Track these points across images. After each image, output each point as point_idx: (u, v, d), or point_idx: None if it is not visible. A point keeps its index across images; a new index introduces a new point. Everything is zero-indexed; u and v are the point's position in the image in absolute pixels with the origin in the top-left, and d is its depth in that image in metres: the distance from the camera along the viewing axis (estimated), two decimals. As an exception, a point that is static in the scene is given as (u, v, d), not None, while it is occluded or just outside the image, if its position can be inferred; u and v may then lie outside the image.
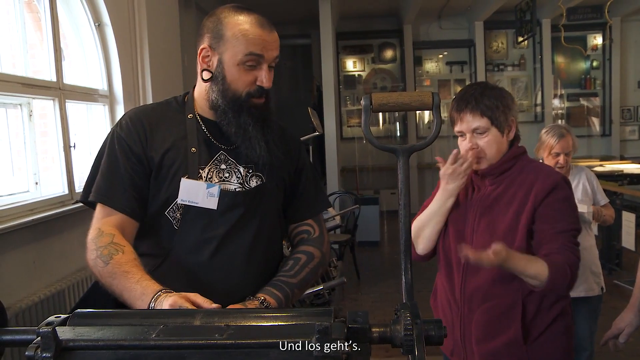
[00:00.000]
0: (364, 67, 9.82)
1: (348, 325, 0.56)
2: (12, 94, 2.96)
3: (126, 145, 1.49)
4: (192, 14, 6.85)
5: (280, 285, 1.47)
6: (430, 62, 9.75)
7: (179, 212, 1.47)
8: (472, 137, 1.78)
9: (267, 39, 1.45)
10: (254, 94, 1.47)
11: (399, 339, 0.57)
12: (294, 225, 1.67)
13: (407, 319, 0.58)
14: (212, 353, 0.53)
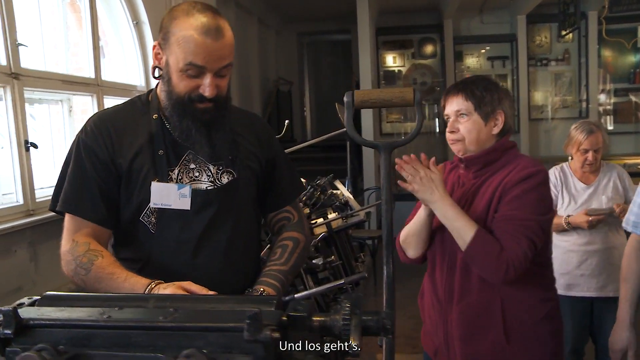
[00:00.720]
0: (404, 62, 9.75)
1: (288, 314, 0.59)
2: (53, 90, 3.09)
3: (92, 152, 1.46)
4: (232, 11, 6.96)
5: (274, 274, 1.49)
6: (471, 57, 9.61)
7: (154, 216, 1.46)
8: (454, 121, 1.77)
9: (211, 49, 1.37)
10: (195, 99, 1.43)
11: (337, 328, 0.59)
12: (273, 213, 1.67)
13: (346, 309, 0.60)
14: (156, 334, 0.57)
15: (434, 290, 1.82)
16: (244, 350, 0.54)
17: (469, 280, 1.72)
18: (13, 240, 2.62)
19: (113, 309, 0.61)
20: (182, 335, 0.56)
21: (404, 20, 9.55)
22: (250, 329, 0.53)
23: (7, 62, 2.67)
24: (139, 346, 0.57)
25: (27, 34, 3.12)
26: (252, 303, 0.58)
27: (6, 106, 2.67)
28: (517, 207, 1.65)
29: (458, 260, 1.73)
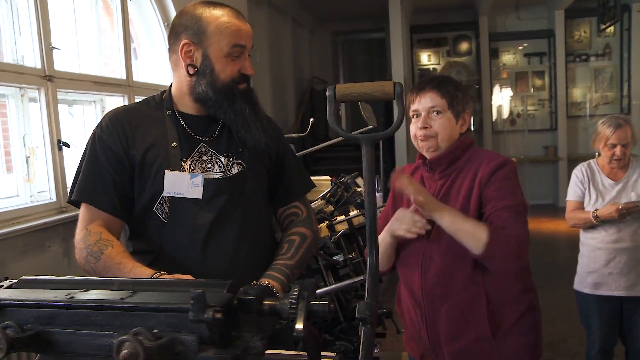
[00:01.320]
0: (439, 60, 9.69)
1: (238, 297, 0.62)
2: (85, 91, 3.19)
3: (106, 146, 1.53)
4: (265, 12, 7.03)
5: (280, 268, 1.53)
6: (507, 54, 9.48)
7: (167, 205, 1.52)
8: (426, 117, 1.75)
9: (244, 29, 1.54)
10: (238, 80, 1.53)
11: (285, 312, 0.62)
12: (282, 208, 1.71)
13: (294, 293, 0.62)
14: (113, 314, 0.61)
15: (412, 296, 1.79)
16: (190, 330, 0.57)
17: (452, 280, 1.70)
18: (47, 236, 2.72)
19: (79, 290, 0.66)
20: (137, 315, 0.59)
21: (439, 18, 9.49)
22: (194, 309, 0.56)
23: (42, 65, 2.77)
24: (97, 325, 0.61)
25: (63, 38, 3.24)
26: (206, 287, 0.61)
27: (40, 107, 2.77)
28: (504, 196, 1.66)
29: (435, 261, 1.72)
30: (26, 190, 2.77)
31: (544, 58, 9.33)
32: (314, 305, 0.62)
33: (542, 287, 4.85)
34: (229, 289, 0.62)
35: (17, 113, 2.75)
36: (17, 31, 2.78)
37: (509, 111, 9.47)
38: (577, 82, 9.29)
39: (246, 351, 0.58)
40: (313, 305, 0.62)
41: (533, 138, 9.26)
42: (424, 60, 9.75)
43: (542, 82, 9.36)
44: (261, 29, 6.87)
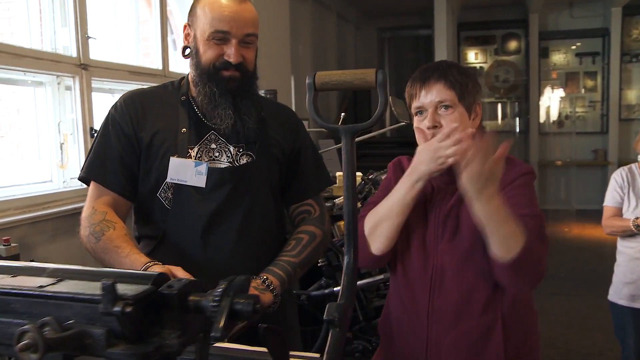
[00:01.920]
0: (486, 58, 9.48)
1: (160, 291, 0.59)
2: (121, 81, 3.24)
3: (118, 126, 1.53)
4: (308, 6, 7.01)
5: (282, 265, 1.50)
6: (558, 54, 9.18)
7: (170, 191, 1.51)
8: (434, 114, 1.46)
9: (234, 14, 1.46)
10: (220, 67, 1.48)
11: (208, 309, 0.58)
12: (295, 205, 1.67)
13: (219, 290, 0.59)
14: (31, 302, 0.59)
15: (413, 315, 1.50)
16: (103, 323, 0.55)
17: (469, 303, 1.44)
18: (76, 222, 2.76)
19: (8, 276, 0.65)
20: (55, 305, 0.58)
21: (488, 15, 9.27)
22: (103, 301, 0.54)
23: (77, 53, 2.83)
24: (16, 312, 0.60)
25: (102, 28, 3.30)
26: (130, 278, 0.59)
27: (74, 95, 2.83)
28: (528, 203, 1.43)
29: (447, 278, 1.45)
30: (59, 176, 2.83)
31: (597, 58, 9.00)
32: (238, 304, 0.59)
33: (582, 295, 4.75)
34: (154, 282, 0.59)
35: (53, 100, 2.81)
36: (56, 21, 2.85)
37: (557, 113, 9.19)
38: (632, 84, 8.93)
39: (159, 349, 0.55)
40: (236, 304, 0.59)
41: (581, 141, 8.95)
42: (471, 58, 9.55)
43: (594, 83, 9.04)
44: (304, 23, 6.86)
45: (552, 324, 4.14)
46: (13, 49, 2.47)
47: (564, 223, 8.04)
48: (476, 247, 1.41)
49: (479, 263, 1.41)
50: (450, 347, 1.44)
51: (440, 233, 1.47)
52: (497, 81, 9.40)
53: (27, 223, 2.48)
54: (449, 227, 1.47)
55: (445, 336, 1.45)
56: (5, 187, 2.56)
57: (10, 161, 3.06)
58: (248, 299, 0.59)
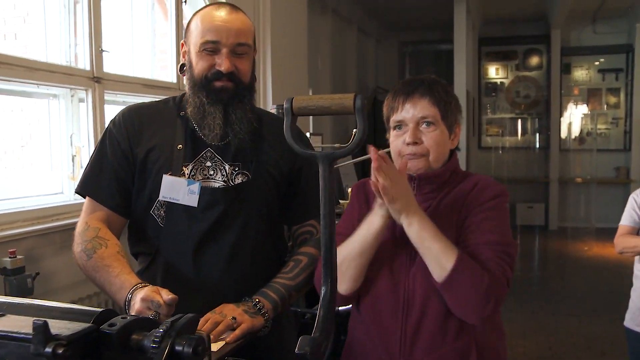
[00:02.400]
0: (507, 74, 9.40)
1: (101, 330, 0.57)
2: (134, 94, 3.26)
3: (115, 141, 1.52)
4: (328, 20, 7.02)
5: (276, 287, 1.47)
6: (580, 70, 9.07)
7: (163, 209, 1.49)
8: (415, 130, 1.42)
9: (223, 24, 1.45)
10: (211, 77, 1.47)
11: (149, 349, 0.56)
12: (296, 226, 1.63)
13: (161, 330, 0.57)
14: None
15: (381, 346, 1.42)
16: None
17: (443, 328, 1.38)
18: (86, 234, 2.79)
19: None
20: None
21: (509, 31, 9.21)
22: (34, 341, 0.52)
23: (91, 66, 2.85)
24: None
25: (118, 41, 3.33)
26: (74, 314, 0.57)
27: (87, 108, 2.85)
28: (494, 229, 1.38)
29: (420, 302, 1.39)
30: (70, 188, 2.85)
31: (620, 74, 8.86)
32: (178, 345, 0.56)
33: (600, 316, 4.64)
34: (95, 320, 0.57)
35: (66, 113, 2.84)
36: (71, 34, 2.88)
37: (578, 129, 9.06)
38: (656, 101, 8.77)
39: None
40: (177, 345, 0.56)
41: (603, 158, 8.80)
42: (491, 73, 9.48)
43: (617, 99, 8.90)
44: (324, 37, 6.87)
45: (567, 346, 4.05)
46: (27, 62, 2.50)
47: (583, 241, 7.89)
48: None
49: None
50: None
51: (412, 256, 1.40)
52: (518, 97, 9.32)
53: (36, 235, 2.50)
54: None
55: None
56: (15, 198, 2.59)
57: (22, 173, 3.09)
58: (189, 340, 0.57)
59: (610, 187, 8.78)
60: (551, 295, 5.58)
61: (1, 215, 2.38)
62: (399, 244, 1.43)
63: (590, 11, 8.35)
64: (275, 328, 1.46)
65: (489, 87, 9.44)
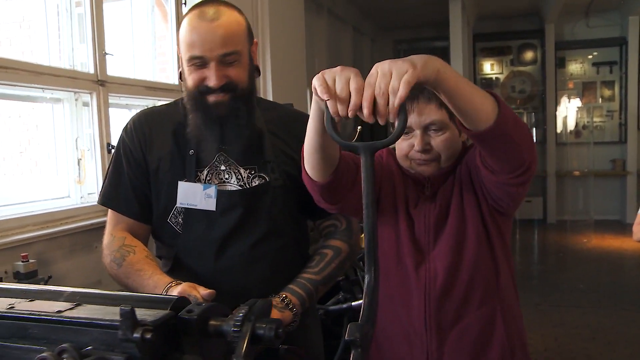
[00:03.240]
0: (502, 69, 9.43)
1: (179, 316, 0.58)
2: (137, 96, 3.27)
3: (128, 150, 1.52)
4: (324, 20, 7.03)
5: (303, 283, 1.47)
6: (575, 64, 9.11)
7: (181, 216, 1.48)
8: (423, 135, 1.36)
9: (206, 36, 1.37)
10: (204, 91, 1.41)
11: (229, 334, 0.57)
12: (320, 220, 1.63)
13: (240, 314, 0.58)
14: (50, 327, 0.59)
15: (408, 322, 1.42)
16: (122, 350, 0.54)
17: (467, 301, 1.39)
18: (94, 237, 2.79)
19: (25, 300, 0.64)
20: (72, 330, 0.57)
21: (503, 26, 9.24)
22: (122, 327, 0.53)
23: (95, 70, 2.85)
24: (34, 338, 0.59)
25: (119, 45, 3.33)
26: (150, 302, 0.58)
27: (92, 111, 2.85)
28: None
29: (443, 282, 1.39)
30: (77, 192, 2.85)
31: (614, 67, 8.91)
32: (260, 329, 0.57)
33: (604, 307, 4.67)
34: (173, 307, 0.58)
35: (71, 116, 2.84)
36: (74, 38, 2.89)
37: (574, 123, 9.11)
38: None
39: None
40: (258, 329, 0.57)
41: (599, 151, 8.85)
42: (486, 69, 9.52)
43: (612, 92, 8.96)
44: (320, 37, 6.88)
45: (572, 337, 4.07)
46: (31, 66, 2.50)
47: (582, 234, 7.93)
48: (469, 245, 1.38)
49: (473, 261, 1.38)
50: (453, 348, 1.39)
51: (432, 240, 1.41)
52: (514, 92, 9.35)
53: (45, 239, 2.50)
54: (440, 232, 1.41)
55: (445, 338, 1.39)
56: (23, 203, 2.59)
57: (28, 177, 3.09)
58: (270, 323, 0.58)
59: (608, 179, 8.84)
60: (553, 287, 5.61)
61: (11, 219, 2.38)
62: (416, 229, 1.44)
63: (583, 5, 8.39)
64: (301, 323, 1.46)
65: (484, 83, 9.46)
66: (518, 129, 1.18)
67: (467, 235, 1.39)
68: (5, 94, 2.54)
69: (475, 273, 1.40)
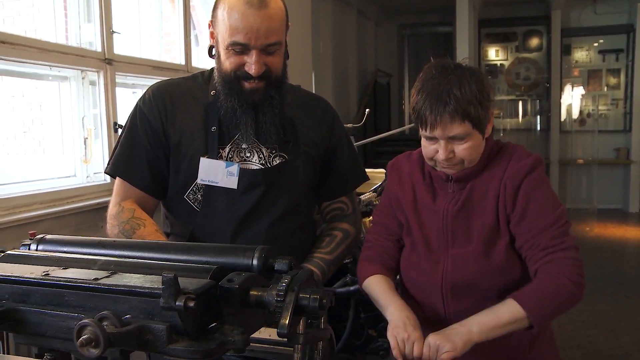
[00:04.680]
0: (507, 56, 9.37)
1: (221, 285, 0.57)
2: (144, 75, 3.25)
3: (147, 121, 1.47)
4: (329, 3, 6.98)
5: (316, 262, 1.47)
6: (580, 51, 9.03)
7: (200, 193, 1.45)
8: (447, 144, 1.38)
9: (253, 22, 1.33)
10: (241, 76, 1.40)
11: (272, 304, 0.56)
12: (327, 202, 1.63)
13: (283, 284, 0.57)
14: (86, 295, 0.57)
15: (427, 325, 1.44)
16: (162, 318, 0.53)
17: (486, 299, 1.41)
18: (100, 216, 2.77)
19: (59, 268, 0.63)
20: (109, 298, 0.56)
21: (509, 12, 9.17)
22: (164, 295, 0.52)
23: (102, 48, 2.83)
24: (70, 306, 0.58)
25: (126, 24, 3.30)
26: (188, 271, 0.57)
27: (98, 90, 2.83)
28: (542, 210, 1.38)
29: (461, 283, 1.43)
30: (83, 171, 2.84)
31: (620, 55, 8.84)
32: (304, 300, 0.56)
33: (606, 295, 4.68)
34: (212, 276, 0.57)
35: (78, 95, 2.82)
36: (81, 16, 2.86)
37: (579, 111, 9.06)
38: (657, 82, 8.76)
39: (222, 346, 0.53)
40: (302, 300, 0.56)
41: (603, 139, 8.80)
42: (491, 55, 9.45)
43: (617, 80, 8.90)
44: (325, 20, 6.83)
45: (575, 324, 4.08)
46: (40, 43, 2.48)
47: (585, 222, 7.92)
48: (488, 247, 1.40)
49: (493, 262, 1.40)
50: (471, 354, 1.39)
51: (450, 239, 1.44)
52: (518, 78, 9.29)
53: (52, 217, 2.49)
54: (459, 231, 1.44)
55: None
56: (30, 181, 2.57)
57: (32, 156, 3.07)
58: (314, 293, 0.57)
59: (611, 168, 8.81)
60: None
61: (19, 197, 2.37)
62: (435, 226, 1.46)
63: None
64: None
65: (489, 69, 9.41)
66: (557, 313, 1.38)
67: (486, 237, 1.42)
68: (12, 71, 2.52)
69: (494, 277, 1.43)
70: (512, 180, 1.40)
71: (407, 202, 1.50)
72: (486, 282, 1.42)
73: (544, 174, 1.44)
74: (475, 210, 1.43)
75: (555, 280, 1.33)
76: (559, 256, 1.35)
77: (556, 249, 1.35)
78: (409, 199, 1.50)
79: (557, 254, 1.35)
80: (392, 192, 1.54)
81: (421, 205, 1.49)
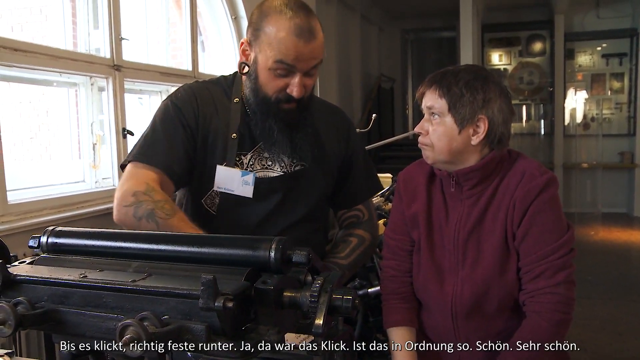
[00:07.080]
0: (510, 60, 9.38)
1: (256, 287, 0.58)
2: (152, 81, 3.27)
3: (181, 113, 1.46)
4: (333, 7, 7.01)
5: (332, 267, 1.47)
6: (584, 55, 9.04)
7: (217, 198, 1.46)
8: (425, 120, 1.43)
9: (303, 50, 1.35)
10: (282, 100, 1.41)
11: (306, 305, 0.58)
12: (343, 210, 1.64)
13: (317, 285, 0.58)
14: (124, 296, 0.59)
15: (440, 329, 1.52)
16: (201, 319, 0.54)
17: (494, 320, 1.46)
18: (109, 221, 2.78)
19: (95, 270, 0.65)
20: (147, 299, 0.57)
21: (512, 17, 9.19)
22: (203, 296, 0.53)
23: (111, 54, 2.85)
24: (108, 307, 0.59)
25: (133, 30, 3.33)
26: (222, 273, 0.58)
27: (107, 96, 2.85)
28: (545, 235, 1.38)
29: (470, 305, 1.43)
30: (92, 176, 2.85)
31: (624, 59, 8.85)
32: (337, 300, 0.58)
33: (613, 299, 4.67)
34: (247, 277, 0.59)
35: (87, 101, 2.84)
36: (91, 23, 2.88)
37: (582, 115, 9.07)
38: (661, 86, 8.76)
39: (259, 345, 0.54)
40: (336, 300, 0.57)
41: (608, 143, 8.81)
42: (494, 60, 9.47)
43: (621, 84, 8.90)
44: (330, 24, 6.86)
45: (583, 327, 4.08)
46: (51, 50, 2.50)
47: (589, 226, 7.92)
48: (499, 271, 1.40)
49: (505, 282, 1.40)
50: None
51: (460, 259, 1.44)
52: (522, 83, 9.31)
53: (62, 223, 2.51)
54: (470, 252, 1.43)
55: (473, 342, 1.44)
56: (39, 187, 2.59)
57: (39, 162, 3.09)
58: (347, 294, 0.58)
59: (615, 172, 8.80)
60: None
61: (29, 203, 2.39)
62: (446, 245, 1.46)
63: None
64: None
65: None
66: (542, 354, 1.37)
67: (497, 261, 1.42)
68: (23, 78, 2.54)
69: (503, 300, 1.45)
70: (521, 200, 1.39)
71: (422, 221, 1.48)
72: (498, 301, 1.42)
73: (556, 195, 1.42)
74: (485, 231, 1.42)
75: (535, 323, 1.36)
76: (545, 299, 1.36)
77: (545, 291, 1.36)
78: (423, 217, 1.48)
79: (544, 297, 1.36)
80: (405, 204, 1.52)
81: (435, 225, 1.48)
